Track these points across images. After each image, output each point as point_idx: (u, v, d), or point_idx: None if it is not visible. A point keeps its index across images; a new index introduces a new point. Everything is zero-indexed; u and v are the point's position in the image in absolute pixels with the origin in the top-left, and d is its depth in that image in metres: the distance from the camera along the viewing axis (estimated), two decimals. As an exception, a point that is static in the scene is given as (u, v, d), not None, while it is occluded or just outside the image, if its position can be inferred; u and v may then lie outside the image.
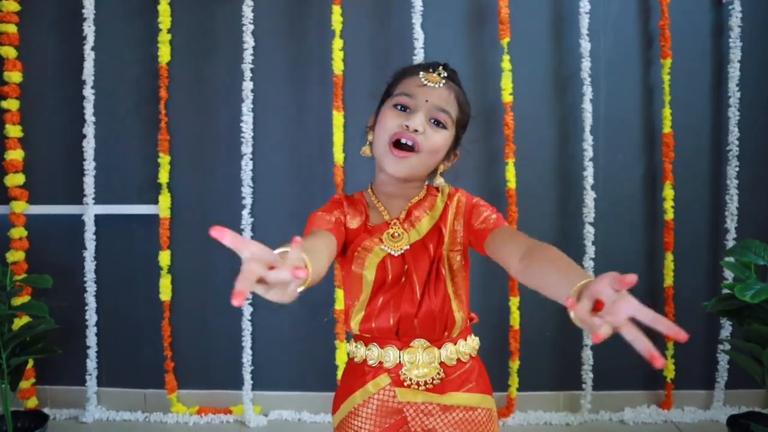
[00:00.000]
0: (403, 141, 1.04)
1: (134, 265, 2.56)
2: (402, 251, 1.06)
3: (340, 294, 2.44)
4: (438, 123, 1.06)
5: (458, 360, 1.08)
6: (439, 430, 1.04)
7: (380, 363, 1.07)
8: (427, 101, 1.05)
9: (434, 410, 1.05)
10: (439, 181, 1.12)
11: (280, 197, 2.52)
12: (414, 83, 1.08)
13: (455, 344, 1.08)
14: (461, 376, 1.08)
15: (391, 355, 1.06)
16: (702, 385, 2.54)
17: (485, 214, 1.09)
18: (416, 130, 1.03)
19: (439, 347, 1.06)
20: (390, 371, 1.06)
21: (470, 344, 1.11)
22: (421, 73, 1.08)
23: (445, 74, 1.09)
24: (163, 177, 2.47)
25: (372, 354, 1.07)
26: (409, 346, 1.06)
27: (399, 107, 1.07)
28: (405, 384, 1.05)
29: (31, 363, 2.44)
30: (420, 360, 1.05)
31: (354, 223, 1.09)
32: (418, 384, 1.05)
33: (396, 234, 1.07)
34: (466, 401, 1.07)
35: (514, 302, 2.42)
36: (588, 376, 2.47)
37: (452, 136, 1.10)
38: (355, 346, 1.11)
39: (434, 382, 1.05)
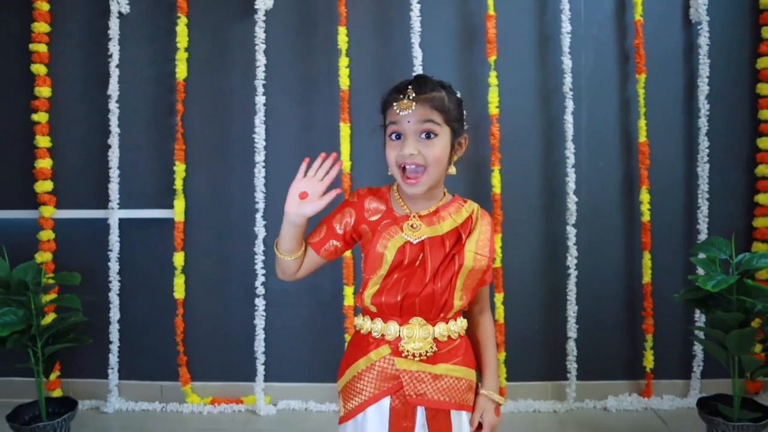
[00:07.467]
0: (408, 168, 1.20)
1: (153, 266, 2.75)
2: (420, 239, 1.23)
3: (348, 291, 2.63)
4: (428, 135, 1.19)
5: (449, 337, 1.27)
6: (429, 394, 1.23)
7: (382, 335, 1.26)
8: (409, 122, 1.19)
9: (426, 378, 1.24)
10: (452, 170, 1.29)
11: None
12: (394, 113, 1.20)
13: (447, 323, 1.27)
14: (451, 350, 1.27)
15: (392, 329, 1.25)
16: (679, 375, 2.74)
17: (486, 275, 1.31)
18: (411, 154, 1.18)
19: (434, 325, 1.25)
20: (390, 343, 1.25)
21: (459, 324, 1.30)
22: (395, 105, 1.20)
23: (413, 95, 1.19)
24: (178, 183, 2.67)
25: (376, 327, 1.27)
26: (407, 322, 1.25)
27: (394, 136, 1.22)
28: (403, 355, 1.24)
29: (57, 356, 2.61)
30: (416, 335, 1.24)
31: (376, 215, 1.28)
32: (413, 355, 1.24)
33: (414, 225, 1.24)
34: (453, 372, 1.26)
35: (499, 298, 2.64)
36: (572, 366, 2.66)
37: (448, 136, 1.23)
38: (362, 320, 1.30)
39: (427, 354, 1.24)
